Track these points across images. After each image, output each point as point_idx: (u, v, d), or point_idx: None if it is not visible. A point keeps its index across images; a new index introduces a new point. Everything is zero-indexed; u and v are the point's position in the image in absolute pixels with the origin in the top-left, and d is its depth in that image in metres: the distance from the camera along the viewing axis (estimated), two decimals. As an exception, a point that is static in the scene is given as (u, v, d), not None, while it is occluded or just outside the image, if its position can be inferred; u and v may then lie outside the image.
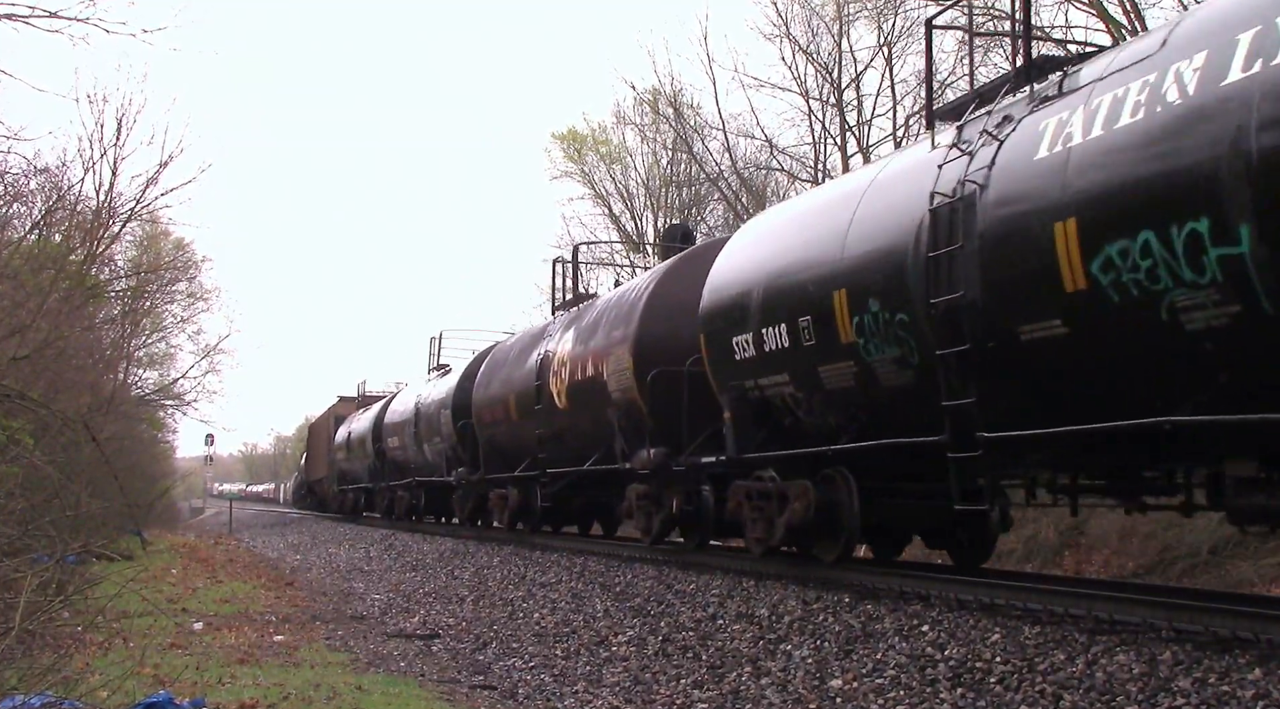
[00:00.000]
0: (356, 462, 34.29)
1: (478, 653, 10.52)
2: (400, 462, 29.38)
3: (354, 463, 34.53)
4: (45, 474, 10.14)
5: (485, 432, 20.72)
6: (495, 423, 20.01)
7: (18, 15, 11.47)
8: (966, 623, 7.90)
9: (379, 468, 30.35)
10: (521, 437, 18.64)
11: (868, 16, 27.46)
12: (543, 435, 17.44)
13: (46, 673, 6.56)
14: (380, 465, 30.12)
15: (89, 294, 22.20)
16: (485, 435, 20.77)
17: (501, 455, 20.02)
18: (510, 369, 19.61)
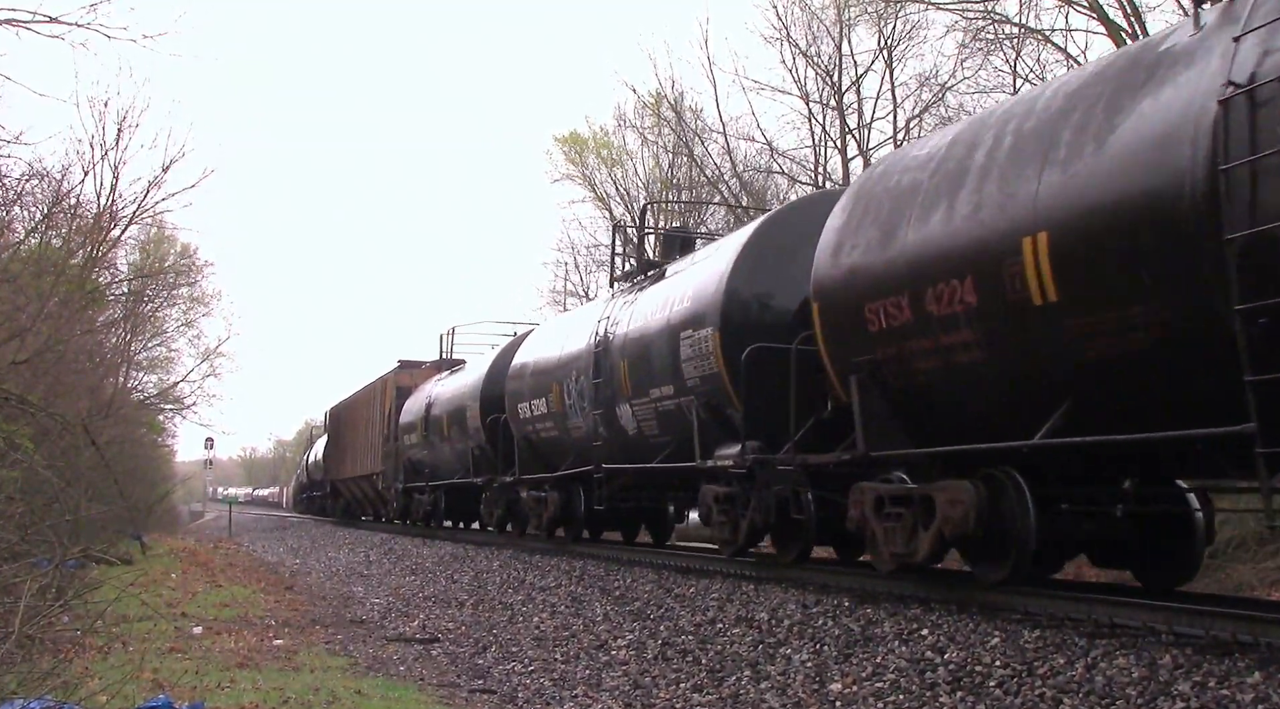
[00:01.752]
0: (442, 448, 24.34)
1: (477, 657, 10.52)
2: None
3: (436, 450, 24.84)
4: (45, 478, 10.15)
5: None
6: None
7: (19, 21, 11.48)
8: (966, 626, 7.89)
9: (492, 454, 20.67)
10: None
11: (868, 20, 27.50)
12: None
13: (46, 677, 6.56)
14: (493, 451, 20.54)
15: (89, 298, 22.21)
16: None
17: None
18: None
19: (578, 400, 15.73)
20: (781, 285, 11.58)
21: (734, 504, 11.80)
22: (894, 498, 9.18)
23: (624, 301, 15.05)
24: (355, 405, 36.44)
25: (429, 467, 25.47)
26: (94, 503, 14.71)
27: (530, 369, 17.99)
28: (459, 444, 22.53)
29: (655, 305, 13.63)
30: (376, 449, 31.18)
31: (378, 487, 31.80)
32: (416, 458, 26.64)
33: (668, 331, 12.87)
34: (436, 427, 24.14)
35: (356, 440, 35.17)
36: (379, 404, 31.17)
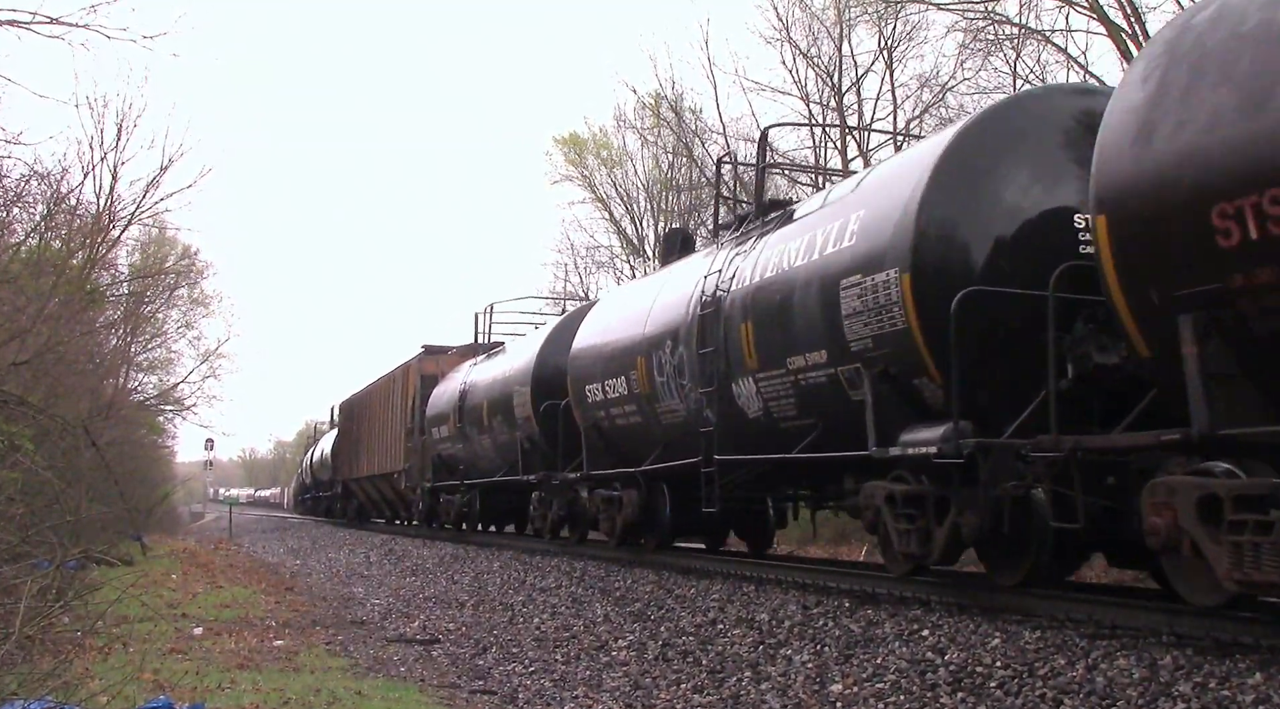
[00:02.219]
0: (481, 441, 21.17)
1: (478, 658, 10.52)
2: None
3: (473, 444, 21.66)
4: (45, 479, 10.16)
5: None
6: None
7: (19, 21, 11.47)
8: (966, 627, 7.90)
9: (546, 446, 17.82)
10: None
11: (868, 20, 27.51)
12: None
13: (46, 678, 6.56)
14: (547, 443, 17.75)
15: (89, 299, 22.21)
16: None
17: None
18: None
19: (673, 377, 12.86)
20: (992, 214, 8.64)
21: (923, 507, 9.03)
22: (1239, 499, 6.16)
23: (736, 252, 11.97)
24: (371, 397, 33.01)
25: (464, 463, 22.66)
26: (94, 504, 14.73)
27: (602, 344, 15.09)
28: (503, 436, 19.73)
29: (793, 251, 10.60)
30: (397, 445, 28.05)
31: (398, 486, 28.70)
32: (448, 453, 23.58)
33: (820, 282, 9.87)
34: (474, 417, 21.17)
35: (373, 436, 31.91)
36: (400, 395, 27.92)
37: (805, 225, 10.75)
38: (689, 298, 12.58)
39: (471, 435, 21.42)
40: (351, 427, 36.47)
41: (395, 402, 28.70)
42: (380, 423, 30.92)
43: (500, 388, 19.79)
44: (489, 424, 20.30)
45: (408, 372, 27.90)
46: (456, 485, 23.22)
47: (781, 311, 10.53)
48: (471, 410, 21.32)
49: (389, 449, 29.38)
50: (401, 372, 28.78)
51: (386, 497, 31.85)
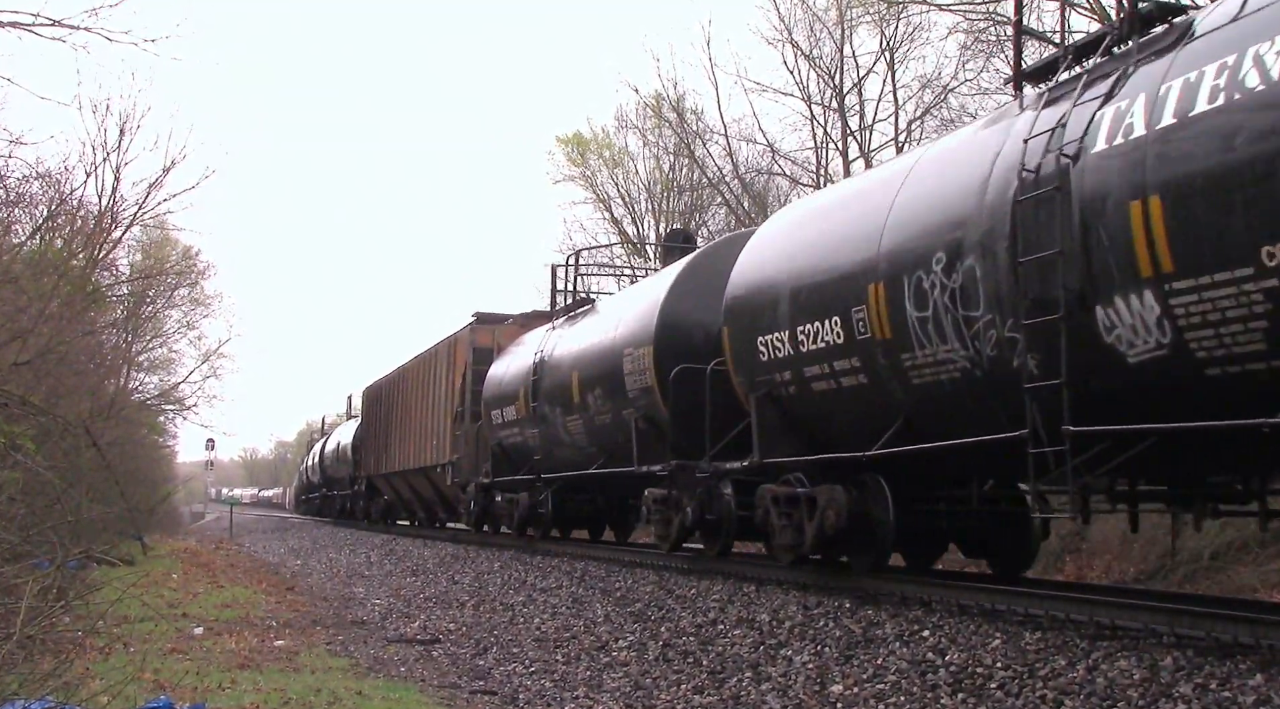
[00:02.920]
0: (568, 425, 16.63)
1: (478, 658, 10.52)
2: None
3: (553, 429, 17.16)
4: (46, 479, 10.16)
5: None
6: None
7: (21, 23, 11.49)
8: (967, 628, 7.89)
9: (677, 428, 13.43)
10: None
11: (870, 21, 27.52)
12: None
13: (47, 678, 6.56)
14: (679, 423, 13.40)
15: (90, 299, 22.23)
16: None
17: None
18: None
19: (944, 311, 8.56)
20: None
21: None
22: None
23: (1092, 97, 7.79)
24: (406, 380, 28.66)
25: (537, 453, 18.01)
26: (95, 504, 14.73)
27: (786, 278, 10.77)
28: (603, 417, 15.26)
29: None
30: (442, 434, 23.65)
31: (440, 483, 24.51)
32: (513, 442, 19.00)
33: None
34: (556, 395, 16.70)
35: (407, 424, 27.53)
36: (445, 374, 23.65)
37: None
38: (982, 181, 8.29)
39: (551, 418, 16.92)
40: (379, 415, 32.09)
41: (438, 383, 24.41)
42: (418, 409, 26.61)
43: (599, 354, 15.28)
44: (581, 402, 15.77)
45: (455, 346, 23.47)
46: (526, 481, 18.60)
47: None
48: (554, 387, 16.78)
49: (429, 439, 24.93)
50: (446, 347, 24.24)
51: (423, 495, 27.63)
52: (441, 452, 23.95)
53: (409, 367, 28.75)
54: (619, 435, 14.72)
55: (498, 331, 22.07)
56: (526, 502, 18.53)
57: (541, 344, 17.97)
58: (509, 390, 19.05)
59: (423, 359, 27.10)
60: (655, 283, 15.17)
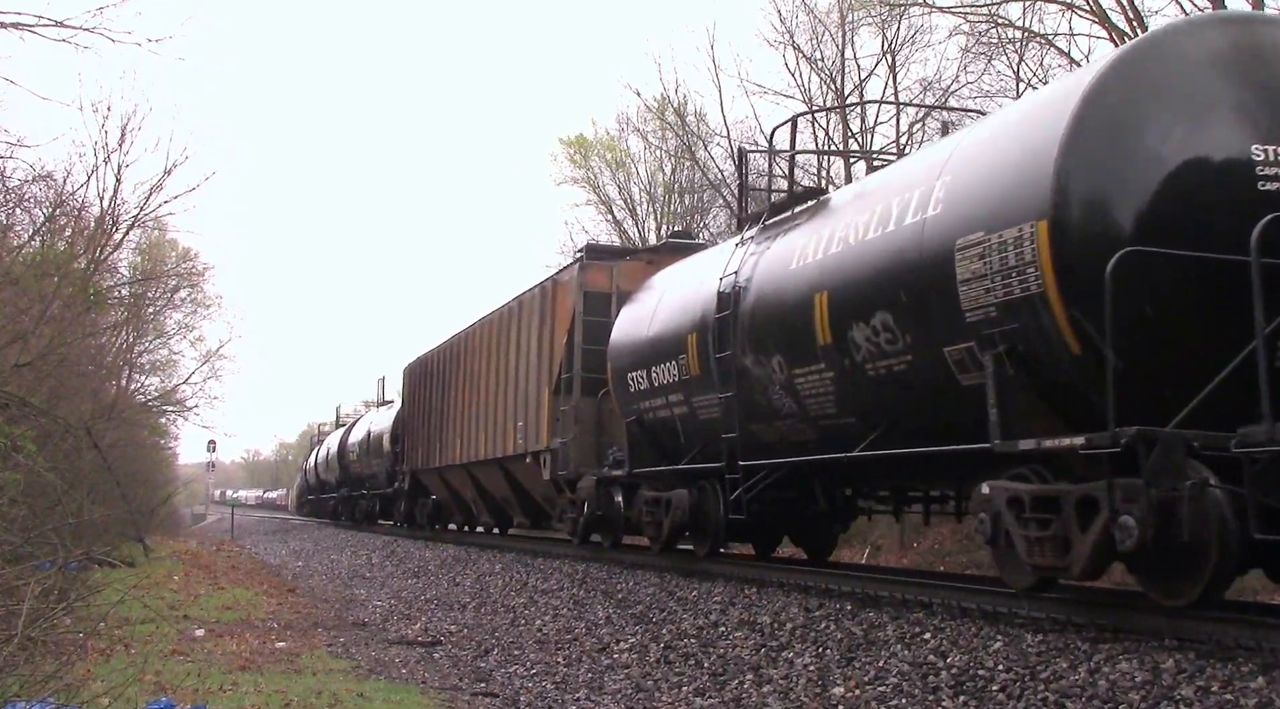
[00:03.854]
0: (797, 381, 10.63)
1: (479, 660, 10.52)
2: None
3: (754, 393, 11.43)
4: (48, 481, 10.18)
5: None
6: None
7: (24, 24, 11.50)
8: (969, 630, 7.89)
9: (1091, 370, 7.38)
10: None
11: (871, 24, 27.52)
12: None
13: (49, 680, 6.56)
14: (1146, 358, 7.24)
15: (92, 301, 22.24)
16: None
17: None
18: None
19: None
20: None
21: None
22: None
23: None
24: (470, 348, 22.62)
25: (730, 427, 11.87)
26: (96, 505, 14.74)
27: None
28: (886, 362, 9.35)
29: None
30: (533, 412, 17.87)
31: (529, 478, 18.82)
32: (665, 416, 13.59)
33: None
34: (770, 338, 11.03)
35: (474, 404, 21.65)
36: (537, 332, 18.06)
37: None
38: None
39: (759, 374, 11.17)
40: (428, 396, 26.25)
41: (526, 344, 18.63)
42: (491, 382, 20.63)
43: (889, 256, 9.14)
44: (834, 342, 9.89)
45: (554, 293, 17.64)
46: (692, 472, 13.08)
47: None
48: (765, 325, 11.09)
49: (509, 420, 19.11)
50: (539, 294, 18.31)
51: (494, 494, 21.99)
52: (532, 436, 17.87)
53: (475, 330, 22.47)
54: (926, 391, 9.05)
55: (618, 271, 16.70)
56: (687, 502, 12.96)
57: (726, 267, 12.02)
58: (661, 343, 13.51)
59: (499, 317, 20.61)
60: (1036, 107, 8.51)
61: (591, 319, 16.44)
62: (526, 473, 18.79)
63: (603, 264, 17.03)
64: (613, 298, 16.40)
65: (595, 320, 16.36)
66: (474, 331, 22.62)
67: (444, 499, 26.63)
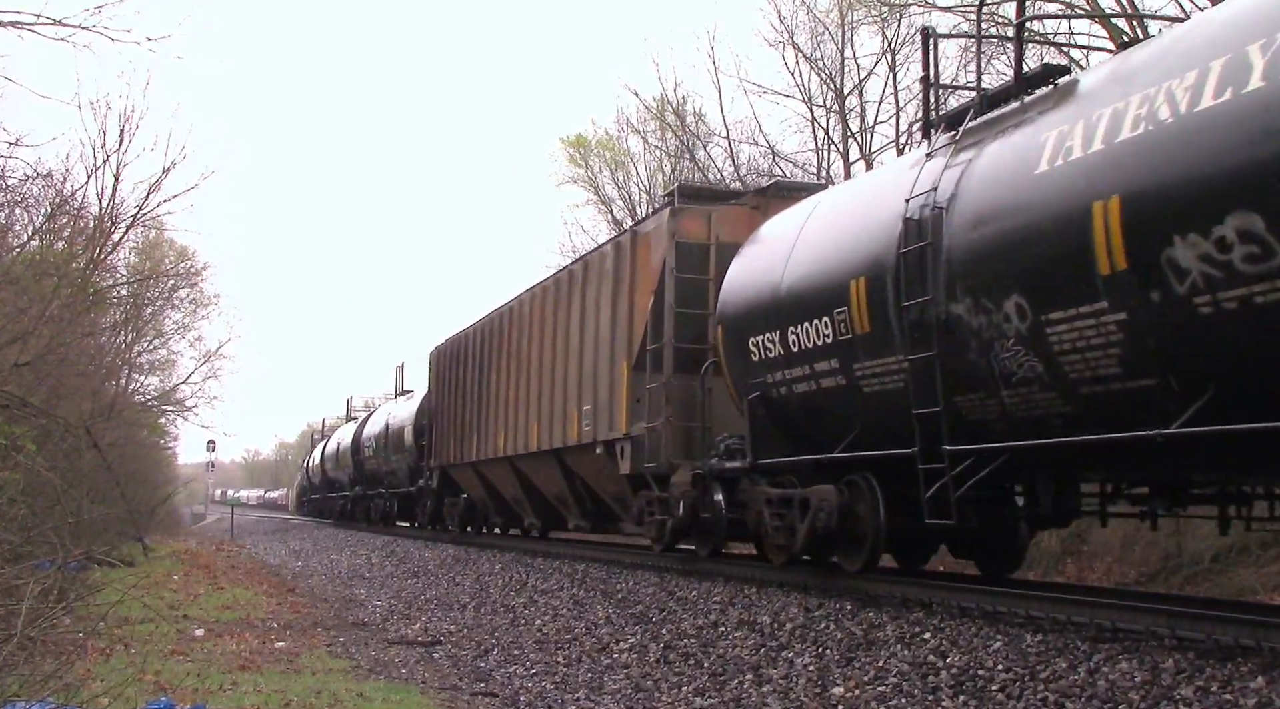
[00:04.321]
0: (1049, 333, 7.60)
1: (479, 660, 10.52)
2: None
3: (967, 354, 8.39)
4: (47, 480, 10.17)
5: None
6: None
7: (22, 23, 11.47)
8: (968, 630, 7.89)
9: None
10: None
11: (871, 23, 27.52)
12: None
13: (48, 680, 6.56)
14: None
15: (91, 301, 22.24)
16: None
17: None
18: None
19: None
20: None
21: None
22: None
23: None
24: (519, 321, 19.34)
25: (930, 398, 8.83)
26: (96, 505, 14.75)
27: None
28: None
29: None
30: (606, 393, 14.91)
31: (591, 475, 16.33)
32: (807, 391, 10.58)
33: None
34: (1000, 279, 8.04)
35: (519, 388, 18.76)
36: (610, 296, 15.02)
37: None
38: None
39: (980, 328, 8.27)
40: (461, 382, 23.11)
41: (593, 314, 15.66)
42: (545, 360, 17.50)
43: (1232, 134, 6.42)
44: (1128, 268, 6.99)
45: (634, 248, 14.57)
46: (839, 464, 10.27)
47: None
48: (993, 255, 8.19)
49: (571, 404, 16.17)
50: (614, 252, 15.22)
51: (547, 494, 18.85)
52: (603, 422, 14.90)
53: (523, 302, 19.22)
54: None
55: (717, 218, 13.69)
56: (835, 502, 10.12)
57: (914, 186, 9.06)
58: (803, 296, 10.45)
59: (554, 285, 17.59)
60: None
61: (686, 276, 13.42)
62: (592, 466, 15.92)
63: (699, 209, 13.92)
64: (711, 250, 13.49)
65: (691, 278, 13.42)
66: (521, 304, 19.30)
67: (479, 498, 23.37)
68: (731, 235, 13.29)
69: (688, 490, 12.74)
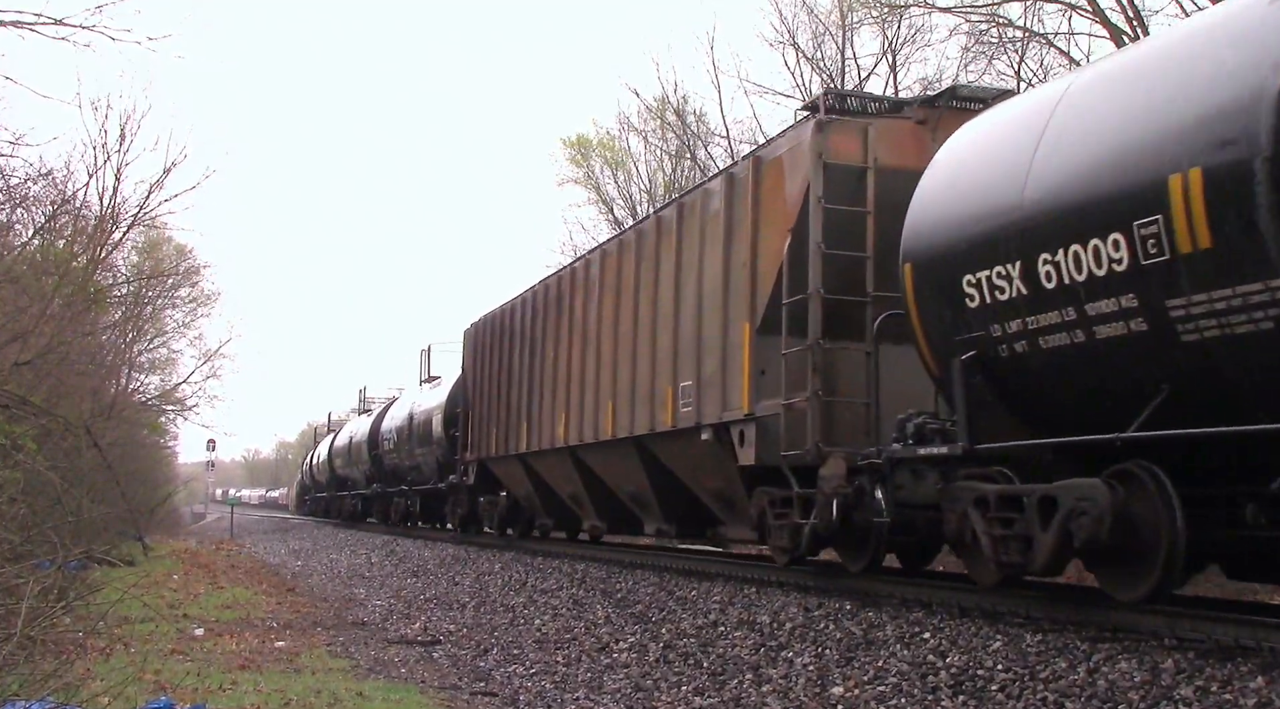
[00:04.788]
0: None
1: (479, 659, 10.52)
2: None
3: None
4: (47, 480, 10.18)
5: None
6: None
7: (24, 23, 11.47)
8: (968, 630, 7.89)
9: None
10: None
11: (871, 23, 27.53)
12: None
13: (48, 679, 6.56)
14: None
15: (92, 300, 22.24)
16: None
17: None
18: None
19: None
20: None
21: None
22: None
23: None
24: (579, 288, 16.41)
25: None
26: (96, 504, 14.75)
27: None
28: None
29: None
30: (710, 365, 12.06)
31: (681, 466, 13.35)
32: (1120, 334, 7.10)
33: None
34: None
35: (586, 364, 15.78)
36: (720, 243, 12.03)
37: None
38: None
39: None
40: (506, 362, 19.98)
41: (697, 266, 12.53)
42: (625, 329, 14.43)
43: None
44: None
45: (760, 177, 11.52)
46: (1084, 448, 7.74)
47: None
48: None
49: (665, 381, 13.08)
50: (726, 186, 12.08)
51: (621, 489, 15.48)
52: (713, 400, 11.84)
53: (592, 261, 16.14)
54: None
55: (876, 134, 10.78)
56: (1106, 503, 7.28)
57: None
58: (1072, 207, 7.48)
59: (640, 234, 14.44)
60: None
61: (839, 208, 10.43)
62: (690, 457, 12.82)
63: (852, 122, 10.85)
64: (868, 175, 10.59)
65: (844, 210, 10.44)
66: (587, 265, 16.26)
67: (525, 496, 20.07)
68: (893, 157, 10.62)
69: (841, 486, 9.76)
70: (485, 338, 21.72)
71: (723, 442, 11.74)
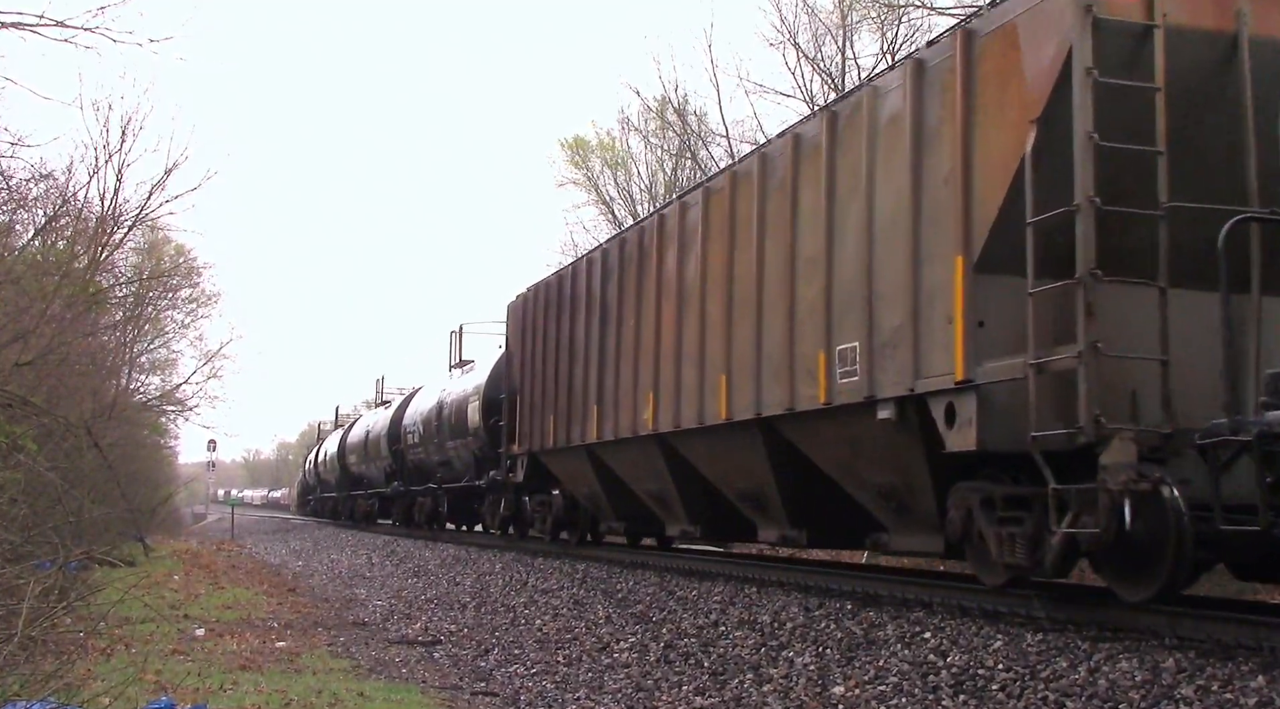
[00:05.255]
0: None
1: (479, 659, 10.52)
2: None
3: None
4: (48, 480, 10.18)
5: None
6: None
7: (25, 24, 11.48)
8: (969, 630, 7.89)
9: None
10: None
11: (872, 23, 27.52)
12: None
13: (49, 679, 6.57)
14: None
15: (92, 301, 22.25)
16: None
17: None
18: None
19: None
20: None
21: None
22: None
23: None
24: (675, 236, 13.03)
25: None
26: (97, 505, 14.75)
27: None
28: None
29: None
30: (887, 320, 8.90)
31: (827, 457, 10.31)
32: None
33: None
34: None
35: (685, 332, 12.53)
36: (907, 152, 8.80)
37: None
38: None
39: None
40: (568, 334, 16.53)
41: (864, 190, 9.34)
42: (747, 282, 11.22)
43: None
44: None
45: (965, 54, 8.29)
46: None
47: None
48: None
49: (809, 344, 10.00)
50: (908, 78, 8.87)
51: (730, 486, 12.41)
52: (899, 365, 8.83)
53: (688, 205, 12.90)
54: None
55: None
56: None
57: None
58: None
59: (764, 159, 11.18)
60: None
61: (1117, 83, 7.39)
62: (846, 443, 9.98)
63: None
64: (1155, 36, 7.53)
65: (1125, 87, 7.41)
66: (684, 209, 13.01)
67: (589, 496, 16.83)
68: (1187, 13, 7.62)
69: (1133, 478, 6.93)
70: (537, 310, 18.06)
71: (906, 421, 8.90)
